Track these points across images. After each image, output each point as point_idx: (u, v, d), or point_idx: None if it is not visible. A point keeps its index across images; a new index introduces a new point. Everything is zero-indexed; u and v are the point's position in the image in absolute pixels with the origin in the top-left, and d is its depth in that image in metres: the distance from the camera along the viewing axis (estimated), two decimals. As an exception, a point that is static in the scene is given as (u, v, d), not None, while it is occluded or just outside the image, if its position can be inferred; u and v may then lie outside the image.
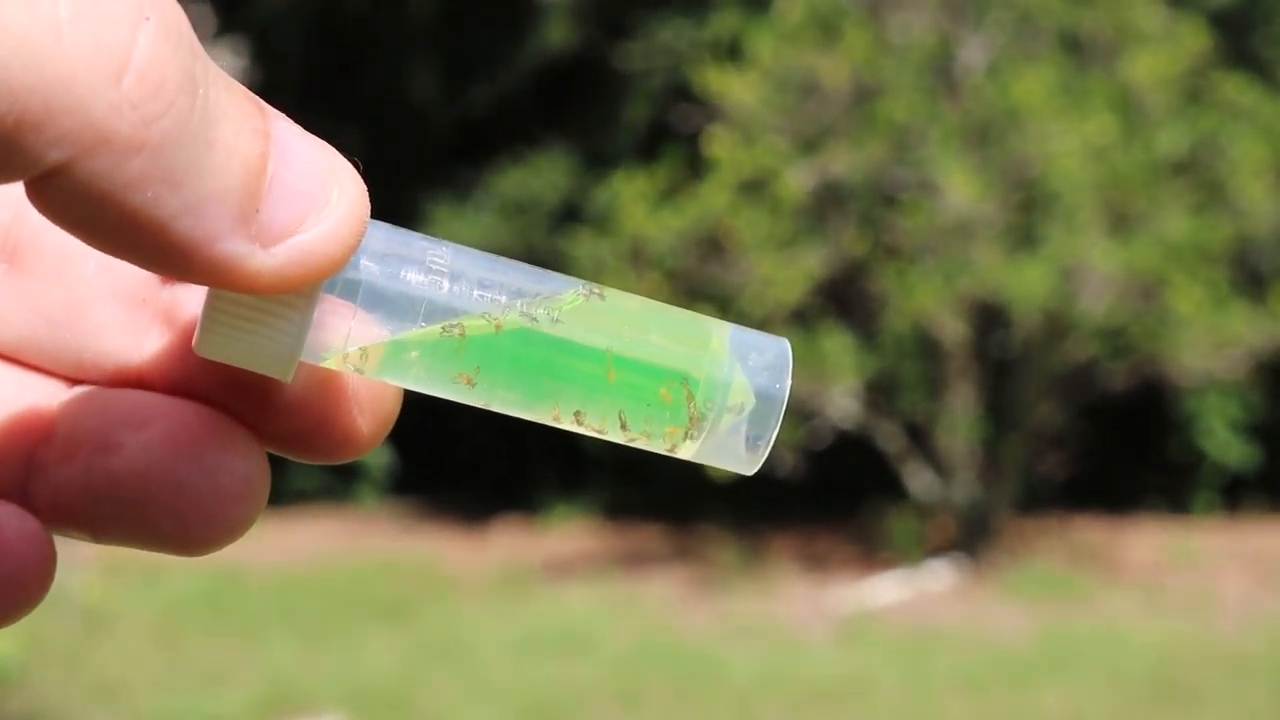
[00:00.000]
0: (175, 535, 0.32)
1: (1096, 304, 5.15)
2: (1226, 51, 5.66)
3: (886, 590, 5.00)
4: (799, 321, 5.30)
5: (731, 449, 0.32)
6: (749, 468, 0.32)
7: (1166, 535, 5.83)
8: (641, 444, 0.32)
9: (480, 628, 4.52)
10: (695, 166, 5.64)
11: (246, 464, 0.32)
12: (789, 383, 0.32)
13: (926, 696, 3.71)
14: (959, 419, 5.49)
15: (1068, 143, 5.02)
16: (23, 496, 0.32)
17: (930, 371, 5.60)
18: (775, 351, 0.33)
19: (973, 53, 5.43)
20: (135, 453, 0.31)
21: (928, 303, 5.08)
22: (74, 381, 0.33)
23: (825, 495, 6.43)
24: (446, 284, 0.30)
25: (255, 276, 0.27)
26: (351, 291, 0.30)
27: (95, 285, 0.33)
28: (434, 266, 0.30)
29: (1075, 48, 5.52)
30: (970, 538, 5.46)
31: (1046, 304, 5.05)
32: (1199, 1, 5.83)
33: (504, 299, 0.30)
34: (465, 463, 7.61)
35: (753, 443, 0.32)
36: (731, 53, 5.76)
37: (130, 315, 0.33)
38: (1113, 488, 6.36)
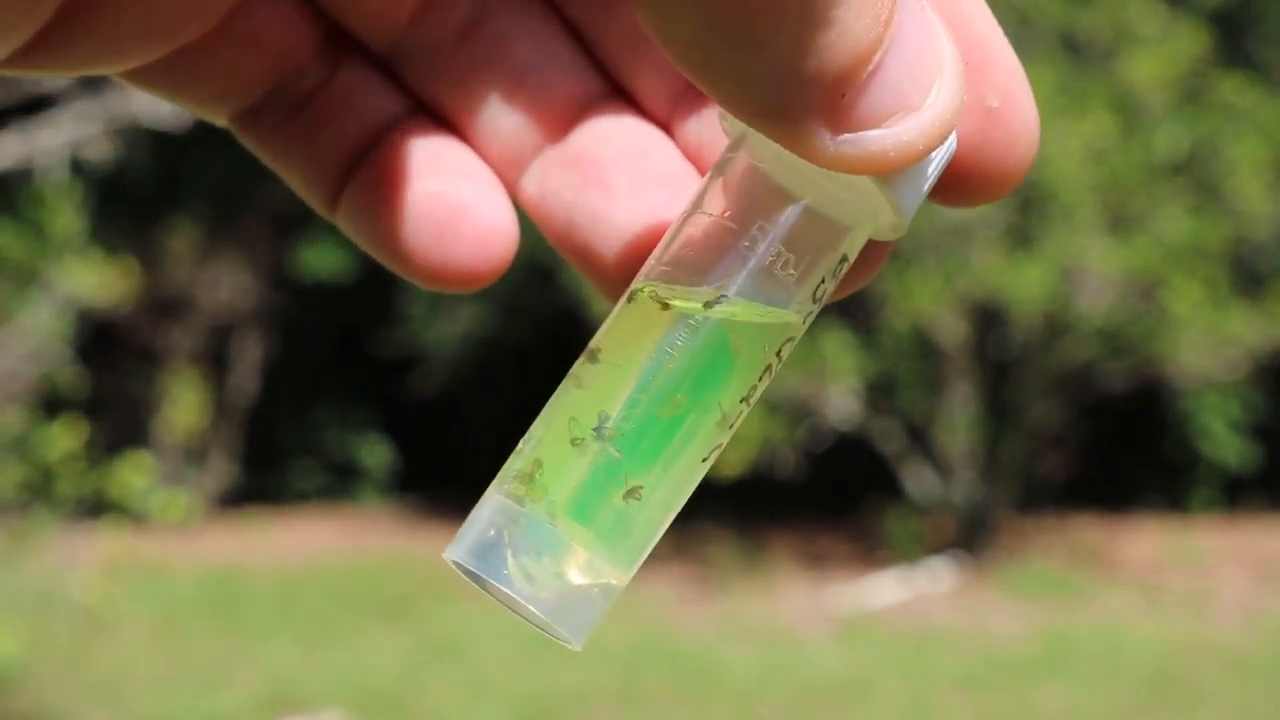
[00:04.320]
0: (613, 295, 0.34)
1: (1095, 304, 5.16)
2: (1224, 51, 5.66)
3: (886, 589, 5.01)
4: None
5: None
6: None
7: (1166, 535, 5.84)
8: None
9: (481, 627, 4.52)
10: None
11: None
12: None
13: (926, 695, 3.72)
14: (958, 419, 5.50)
15: (1066, 143, 5.03)
16: (518, 173, 0.35)
17: (930, 371, 5.61)
18: None
19: (972, 53, 5.42)
20: (619, 207, 0.34)
21: (927, 303, 5.08)
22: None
23: (825, 494, 6.43)
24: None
25: (815, 155, 0.26)
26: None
27: None
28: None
29: (1073, 48, 5.53)
30: (970, 537, 5.47)
31: (1045, 304, 5.05)
32: (1197, 1, 5.83)
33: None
34: (466, 462, 7.61)
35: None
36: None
37: None
38: (1112, 487, 6.37)
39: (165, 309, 6.91)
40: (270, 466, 7.35)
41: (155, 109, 3.61)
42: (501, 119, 0.35)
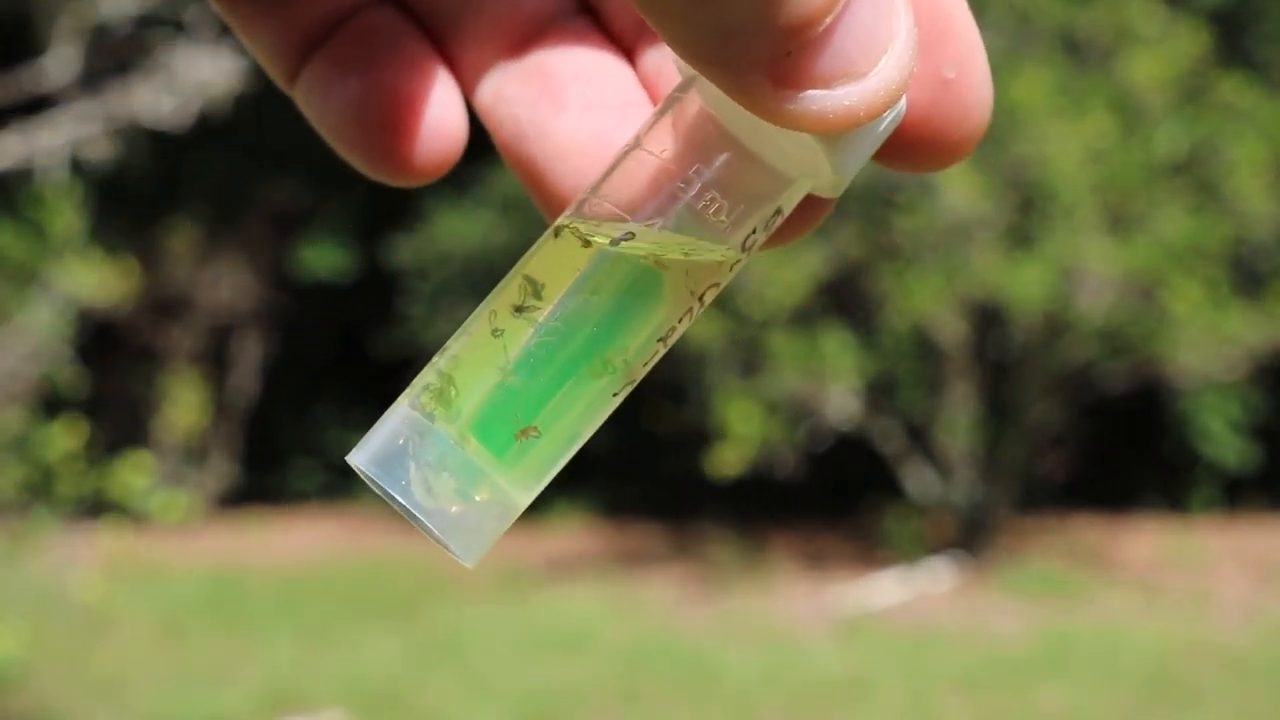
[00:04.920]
0: (550, 216, 0.34)
1: (1095, 304, 5.16)
2: (1224, 51, 5.66)
3: (886, 589, 5.01)
4: (799, 321, 5.30)
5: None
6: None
7: (1165, 535, 5.84)
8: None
9: (480, 627, 4.53)
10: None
11: None
12: None
13: (926, 695, 3.72)
14: (958, 419, 5.50)
15: (1066, 143, 5.03)
16: (477, 77, 0.35)
17: (930, 371, 5.61)
18: None
19: (972, 53, 5.42)
20: (567, 124, 0.34)
21: (927, 303, 5.08)
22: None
23: (825, 494, 6.43)
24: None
25: (757, 107, 0.27)
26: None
27: None
28: None
29: (1074, 48, 5.53)
30: (969, 537, 5.47)
31: (1045, 304, 5.05)
32: (1196, 1, 5.83)
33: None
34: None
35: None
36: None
37: None
38: (1112, 487, 6.37)
39: (165, 309, 6.91)
40: (270, 466, 7.35)
41: (155, 109, 3.61)
42: (469, 22, 0.35)
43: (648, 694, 3.75)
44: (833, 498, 6.41)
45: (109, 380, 6.28)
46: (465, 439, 0.30)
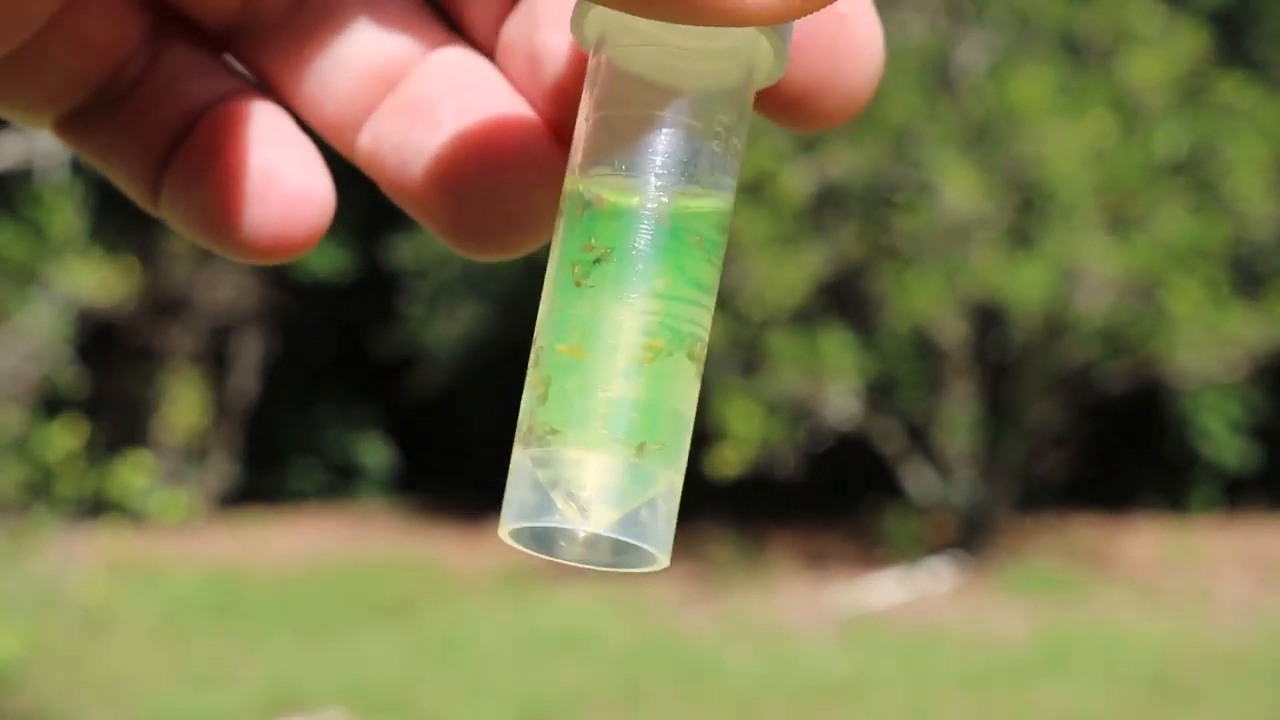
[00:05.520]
0: (448, 233, 0.34)
1: (1095, 304, 5.16)
2: (1224, 51, 5.66)
3: (886, 589, 5.01)
4: (799, 321, 5.30)
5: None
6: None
7: (1165, 535, 5.84)
8: None
9: (481, 627, 4.53)
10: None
11: (545, 193, 0.32)
12: None
13: (926, 695, 3.72)
14: (958, 419, 5.50)
15: (1066, 143, 5.03)
16: (354, 135, 0.34)
17: (930, 371, 5.61)
18: None
19: (971, 53, 5.44)
20: (446, 139, 0.33)
21: (927, 303, 5.08)
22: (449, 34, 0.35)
23: (825, 494, 6.43)
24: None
25: (720, 13, 0.26)
26: None
27: None
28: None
29: (1073, 48, 5.53)
30: (969, 537, 5.47)
31: (1045, 304, 5.05)
32: (1196, 1, 5.83)
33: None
34: (466, 462, 7.61)
35: None
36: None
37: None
38: (1112, 487, 6.37)
39: (165, 309, 6.91)
40: (270, 466, 7.35)
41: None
42: (333, 81, 0.34)
43: (648, 694, 3.75)
44: (833, 498, 6.41)
45: (109, 380, 6.28)
46: (590, 445, 0.28)
